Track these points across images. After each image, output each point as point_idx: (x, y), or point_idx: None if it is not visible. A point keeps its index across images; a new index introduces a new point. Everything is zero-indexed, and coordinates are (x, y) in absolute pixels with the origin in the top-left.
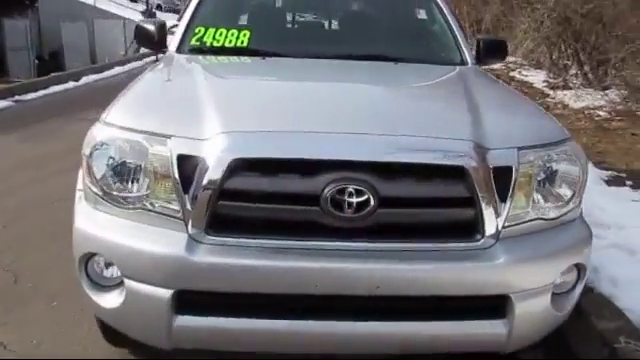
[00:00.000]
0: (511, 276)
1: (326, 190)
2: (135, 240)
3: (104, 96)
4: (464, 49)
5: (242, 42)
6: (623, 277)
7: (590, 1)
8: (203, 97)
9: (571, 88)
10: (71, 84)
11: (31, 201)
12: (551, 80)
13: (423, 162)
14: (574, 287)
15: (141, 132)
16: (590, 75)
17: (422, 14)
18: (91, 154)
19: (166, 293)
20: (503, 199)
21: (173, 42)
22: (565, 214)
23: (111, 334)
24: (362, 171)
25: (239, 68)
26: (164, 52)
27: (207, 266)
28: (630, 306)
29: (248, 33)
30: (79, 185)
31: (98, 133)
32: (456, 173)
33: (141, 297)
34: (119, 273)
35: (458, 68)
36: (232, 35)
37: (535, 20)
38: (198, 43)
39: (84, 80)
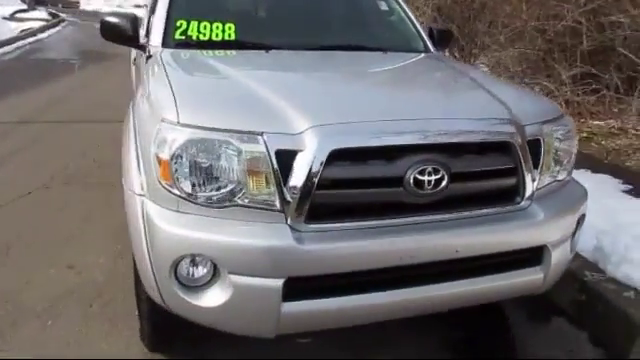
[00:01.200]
0: (548, 229)
1: (409, 171)
2: (239, 236)
3: None
4: (425, 37)
5: (229, 35)
6: None
7: None
8: (263, 92)
9: None
10: None
11: None
12: None
13: (482, 140)
14: (576, 233)
15: (228, 131)
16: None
17: (384, 6)
18: (173, 157)
19: (277, 282)
20: (535, 166)
21: (154, 36)
22: (568, 175)
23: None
24: (437, 152)
25: (258, 61)
26: (141, 47)
27: (315, 252)
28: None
29: (232, 26)
30: (137, 190)
31: (177, 135)
32: (505, 147)
33: (250, 290)
34: (210, 271)
35: (431, 55)
36: (217, 28)
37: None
38: (183, 37)
39: None
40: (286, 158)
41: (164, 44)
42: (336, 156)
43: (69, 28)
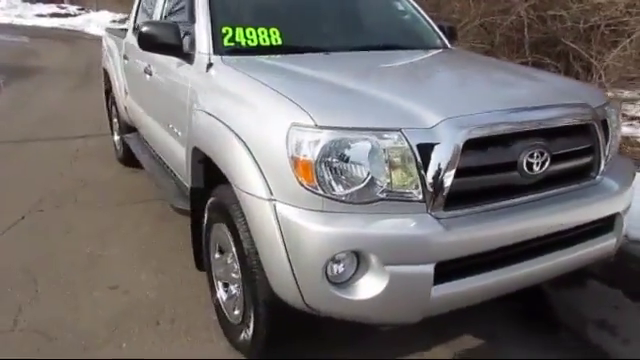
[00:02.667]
0: (621, 198)
1: (521, 155)
2: (391, 229)
3: None
4: (441, 35)
5: (275, 40)
6: None
7: None
8: (371, 92)
9: None
10: None
11: None
12: None
13: (572, 124)
14: None
15: (368, 129)
16: None
17: (400, 7)
18: (318, 158)
19: (429, 268)
20: (605, 144)
21: (202, 45)
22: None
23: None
24: (541, 136)
25: (331, 64)
26: (185, 56)
27: (460, 236)
28: None
29: (277, 30)
30: (264, 195)
31: (319, 137)
32: (587, 129)
33: (405, 278)
34: (355, 264)
35: (454, 50)
36: (262, 34)
37: None
38: (232, 44)
39: None
40: (425, 151)
41: (215, 52)
42: (469, 145)
43: None
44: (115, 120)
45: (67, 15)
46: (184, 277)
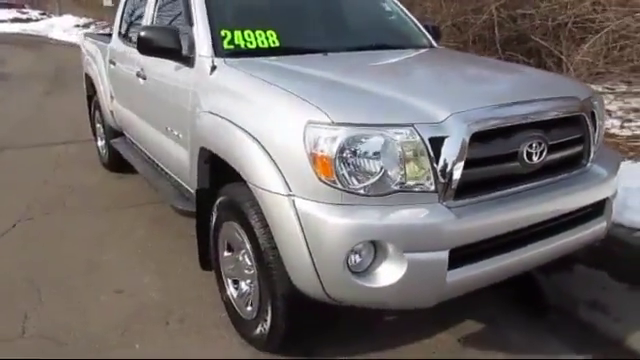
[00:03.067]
0: (610, 183)
1: (522, 146)
2: (408, 218)
3: None
4: (427, 34)
5: (273, 42)
6: None
7: None
8: (377, 89)
9: None
10: None
11: None
12: None
13: (565, 115)
14: None
15: (382, 125)
16: None
17: (387, 7)
18: (336, 153)
19: (443, 254)
20: (593, 134)
21: (203, 48)
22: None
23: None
24: (539, 128)
25: (332, 63)
26: (184, 59)
27: (471, 223)
28: None
29: (274, 33)
30: (282, 191)
31: (336, 134)
32: (578, 120)
33: (422, 264)
34: (372, 253)
35: (441, 48)
36: (260, 36)
37: None
38: (232, 46)
39: None
40: (436, 144)
41: (217, 54)
42: (475, 138)
43: None
44: (99, 125)
45: (29, 20)
46: (187, 278)
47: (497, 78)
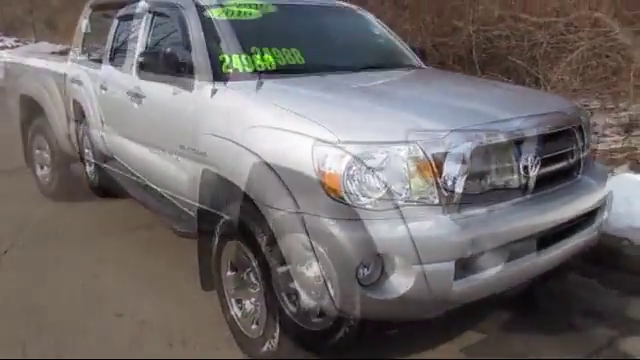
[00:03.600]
0: (601, 192)
1: (519, 159)
2: (415, 231)
3: None
4: (415, 55)
5: (270, 65)
6: None
7: None
8: (378, 108)
9: None
10: None
11: None
12: None
13: (559, 130)
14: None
15: (387, 143)
16: None
17: (377, 31)
18: (345, 171)
19: (450, 265)
20: (582, 147)
21: (202, 72)
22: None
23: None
24: (534, 142)
25: (330, 84)
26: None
27: (475, 234)
28: None
29: (270, 57)
30: (291, 209)
31: (343, 152)
32: (569, 134)
33: (430, 275)
34: (380, 266)
35: (430, 69)
36: (257, 59)
37: None
38: (231, 70)
39: None
40: (438, 159)
41: (216, 78)
42: (476, 153)
43: None
44: (87, 150)
45: (4, 48)
46: (185, 301)
47: (491, 95)
